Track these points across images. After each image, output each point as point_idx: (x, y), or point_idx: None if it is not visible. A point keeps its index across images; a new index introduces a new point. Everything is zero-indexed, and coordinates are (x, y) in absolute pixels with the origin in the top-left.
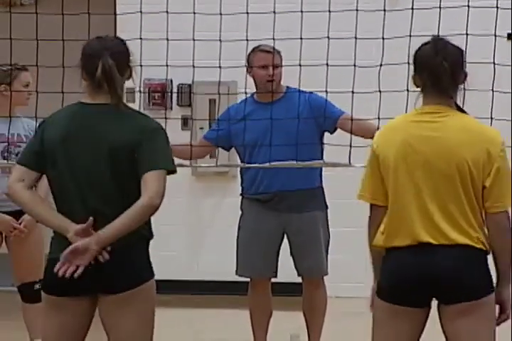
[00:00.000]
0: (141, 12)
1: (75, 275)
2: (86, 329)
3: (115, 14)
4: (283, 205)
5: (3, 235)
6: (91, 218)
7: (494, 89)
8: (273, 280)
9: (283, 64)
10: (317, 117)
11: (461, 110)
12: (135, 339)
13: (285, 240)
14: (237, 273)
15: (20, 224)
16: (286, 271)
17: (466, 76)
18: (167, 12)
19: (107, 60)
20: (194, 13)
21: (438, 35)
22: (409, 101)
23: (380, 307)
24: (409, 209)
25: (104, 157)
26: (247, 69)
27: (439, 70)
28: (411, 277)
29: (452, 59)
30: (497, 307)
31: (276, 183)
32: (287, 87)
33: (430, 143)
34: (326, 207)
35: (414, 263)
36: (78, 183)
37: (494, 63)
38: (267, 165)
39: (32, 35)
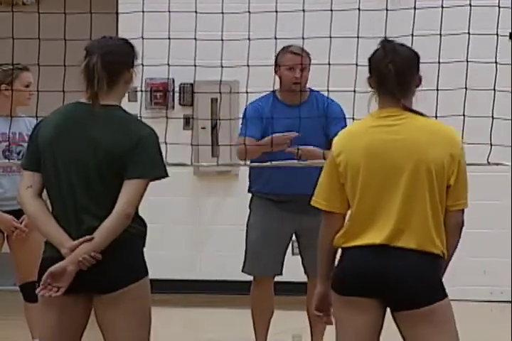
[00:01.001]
0: (143, 11)
1: (57, 295)
2: (83, 328)
3: (117, 13)
4: (297, 207)
5: (5, 234)
6: (88, 236)
7: (496, 89)
8: (276, 279)
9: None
10: (327, 126)
11: (415, 112)
12: (130, 338)
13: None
14: (243, 270)
15: (21, 223)
16: (290, 271)
17: (420, 79)
18: (169, 11)
19: (93, 58)
20: (196, 12)
21: (386, 38)
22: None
23: (335, 300)
24: (373, 212)
25: (90, 158)
26: (275, 68)
27: (385, 73)
28: (368, 272)
29: (400, 62)
30: None
31: (295, 186)
32: (310, 89)
33: (393, 146)
34: None
35: (374, 261)
36: (65, 182)
37: (496, 62)
38: (268, 163)
39: (34, 34)
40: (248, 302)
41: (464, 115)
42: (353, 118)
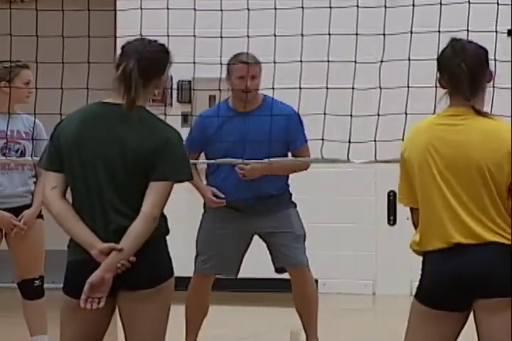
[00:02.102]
0: (141, 8)
1: (99, 306)
2: (105, 328)
3: (115, 10)
4: (255, 211)
5: (3, 232)
6: (118, 246)
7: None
8: (273, 276)
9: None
10: (286, 134)
11: (479, 112)
12: (152, 336)
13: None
14: (196, 271)
15: (20, 220)
16: None
17: (491, 75)
18: (167, 8)
19: (130, 63)
20: (195, 9)
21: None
22: (410, 98)
23: (416, 310)
24: (438, 211)
25: (118, 158)
26: (226, 77)
27: (457, 72)
28: (446, 281)
29: (471, 60)
30: None
31: (250, 192)
32: (264, 96)
33: (452, 146)
34: (295, 205)
35: (448, 266)
36: (92, 182)
37: (495, 59)
38: (266, 161)
39: (32, 31)
40: (246, 299)
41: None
42: (351, 116)
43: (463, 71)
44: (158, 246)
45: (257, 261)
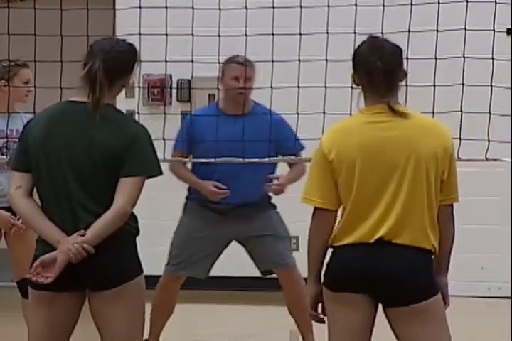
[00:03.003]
0: (140, 7)
1: (46, 282)
2: (73, 324)
3: (114, 9)
4: (238, 215)
5: (2, 231)
6: (82, 231)
7: (493, 85)
8: (272, 275)
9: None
10: (276, 141)
11: (393, 110)
12: (125, 335)
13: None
14: (168, 271)
15: (18, 219)
16: None
17: (405, 74)
18: (166, 7)
19: (95, 63)
20: (193, 8)
21: (371, 34)
22: (408, 95)
23: (327, 297)
24: (369, 208)
25: (85, 156)
26: (219, 78)
27: (373, 70)
28: (361, 269)
29: (388, 58)
30: None
31: (235, 196)
32: (254, 103)
33: (389, 142)
34: (275, 207)
35: (363, 257)
36: (59, 181)
37: (493, 58)
38: (266, 160)
39: (30, 30)
40: (245, 298)
41: (461, 111)
42: (350, 114)
43: (378, 68)
44: (125, 246)
45: None
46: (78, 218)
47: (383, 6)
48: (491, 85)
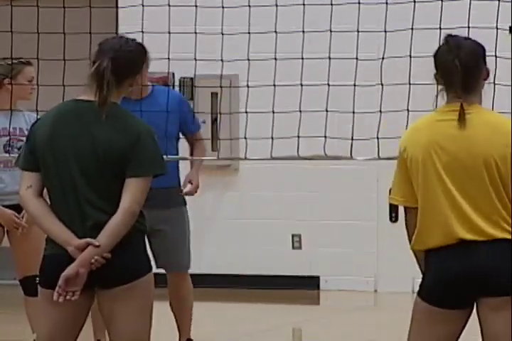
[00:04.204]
0: (142, 5)
1: (73, 298)
2: (82, 323)
3: (117, 7)
4: (153, 202)
5: (5, 229)
6: (96, 242)
7: (496, 82)
8: (276, 273)
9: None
10: (181, 118)
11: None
12: (133, 333)
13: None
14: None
15: (22, 217)
16: (291, 265)
17: (488, 72)
18: (169, 5)
19: (104, 62)
20: (196, 6)
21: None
22: (411, 94)
23: (419, 308)
24: (441, 208)
25: (90, 154)
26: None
27: (451, 69)
28: (451, 278)
29: (466, 56)
30: None
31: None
32: (153, 85)
33: (457, 141)
34: (185, 202)
35: (456, 264)
36: (66, 179)
37: (496, 56)
38: (268, 157)
39: (33, 28)
40: (246, 296)
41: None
42: (353, 113)
43: (456, 67)
44: (134, 244)
45: (261, 259)
46: (85, 215)
47: (386, 3)
48: (494, 83)
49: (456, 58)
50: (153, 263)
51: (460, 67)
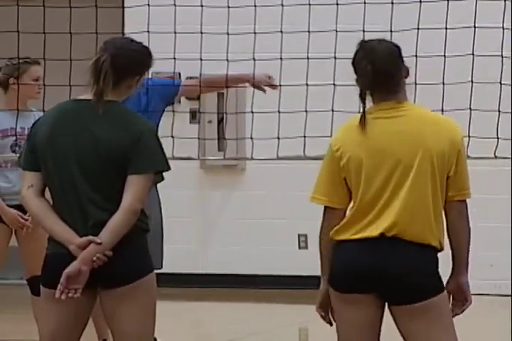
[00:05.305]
0: (148, 5)
1: (75, 296)
2: (85, 323)
3: (123, 7)
4: None
5: (13, 229)
6: (97, 239)
7: (502, 82)
8: (282, 273)
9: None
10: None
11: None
12: (137, 333)
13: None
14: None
15: (28, 216)
16: (297, 265)
17: (407, 71)
18: (175, 5)
19: (103, 55)
20: (202, 6)
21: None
22: (417, 94)
23: (334, 297)
24: (376, 204)
25: (91, 153)
26: None
27: (367, 73)
28: (362, 268)
29: (380, 60)
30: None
31: None
32: None
33: (394, 137)
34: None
35: (367, 256)
36: (67, 178)
37: (502, 56)
38: (273, 157)
39: (39, 28)
40: (253, 295)
41: (470, 109)
42: (359, 112)
43: (371, 71)
44: (136, 243)
45: (268, 259)
46: (87, 213)
47: (392, 3)
48: (500, 83)
49: (369, 62)
50: None
51: (377, 71)
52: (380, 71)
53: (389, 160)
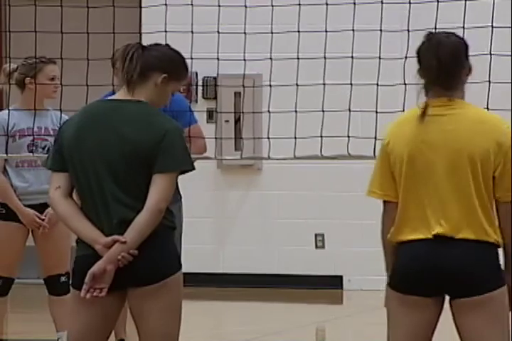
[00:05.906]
0: (165, 5)
1: (100, 295)
2: (113, 325)
3: (140, 7)
4: None
5: (30, 228)
6: (122, 238)
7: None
8: (299, 272)
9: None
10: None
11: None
12: (163, 332)
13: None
14: None
15: (45, 216)
16: (315, 264)
17: (470, 68)
18: (192, 4)
19: (134, 46)
20: (219, 5)
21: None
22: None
23: (392, 298)
24: (423, 202)
25: (117, 152)
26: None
27: (430, 66)
28: (423, 268)
29: (445, 54)
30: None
31: None
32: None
33: (442, 136)
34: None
35: (428, 255)
36: (93, 178)
37: None
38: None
39: (57, 28)
40: (271, 295)
41: (487, 108)
42: (376, 112)
43: (433, 64)
44: (163, 241)
45: (285, 258)
46: (112, 212)
47: (409, 3)
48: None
49: (435, 56)
50: None
51: (438, 65)
52: (443, 67)
53: (436, 159)
